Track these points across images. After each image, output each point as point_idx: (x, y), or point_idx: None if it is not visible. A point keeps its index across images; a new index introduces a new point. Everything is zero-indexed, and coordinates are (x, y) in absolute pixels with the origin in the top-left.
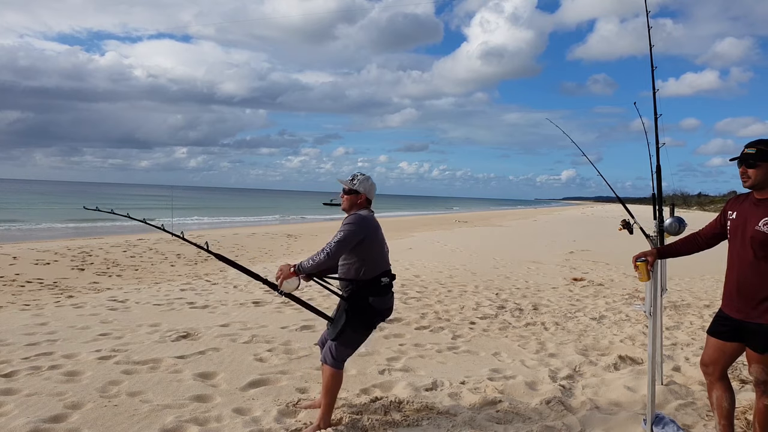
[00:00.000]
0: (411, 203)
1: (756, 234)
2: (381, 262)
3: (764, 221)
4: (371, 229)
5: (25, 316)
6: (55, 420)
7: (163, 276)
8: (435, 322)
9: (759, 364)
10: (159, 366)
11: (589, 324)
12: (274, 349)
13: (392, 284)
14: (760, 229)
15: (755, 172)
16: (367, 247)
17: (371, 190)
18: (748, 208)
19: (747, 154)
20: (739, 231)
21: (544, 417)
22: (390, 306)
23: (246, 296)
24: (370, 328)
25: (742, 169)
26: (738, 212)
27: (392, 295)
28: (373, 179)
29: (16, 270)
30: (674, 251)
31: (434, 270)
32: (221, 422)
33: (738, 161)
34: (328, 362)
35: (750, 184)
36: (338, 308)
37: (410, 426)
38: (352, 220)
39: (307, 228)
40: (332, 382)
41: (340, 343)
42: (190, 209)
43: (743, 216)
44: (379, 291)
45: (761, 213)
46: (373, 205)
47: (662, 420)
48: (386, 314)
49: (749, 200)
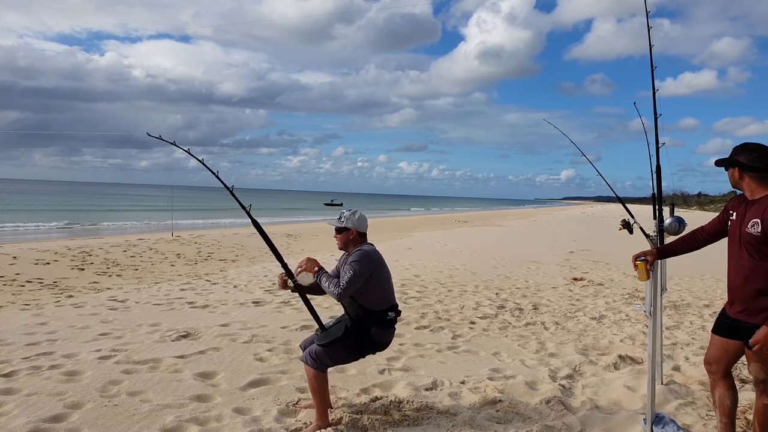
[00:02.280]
0: (411, 203)
1: (744, 235)
2: (387, 297)
3: (752, 222)
4: (377, 264)
5: (25, 315)
6: (56, 420)
7: (163, 276)
8: (435, 321)
9: (757, 362)
10: (159, 366)
11: (589, 324)
12: (274, 349)
13: (396, 320)
14: (748, 230)
15: (729, 174)
16: (375, 282)
17: (361, 223)
18: (744, 209)
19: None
20: (736, 231)
21: (544, 416)
22: (388, 342)
23: (246, 296)
24: (361, 355)
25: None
26: (737, 213)
27: (393, 331)
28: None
29: (16, 270)
30: (674, 250)
31: (434, 270)
32: (221, 422)
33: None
34: (308, 363)
35: (733, 187)
36: (339, 320)
37: (410, 426)
38: (358, 258)
39: (307, 228)
40: (316, 383)
41: (326, 352)
42: (190, 210)
43: (740, 216)
44: (383, 324)
45: (751, 214)
46: (373, 205)
47: (662, 419)
48: (381, 348)
49: (746, 201)
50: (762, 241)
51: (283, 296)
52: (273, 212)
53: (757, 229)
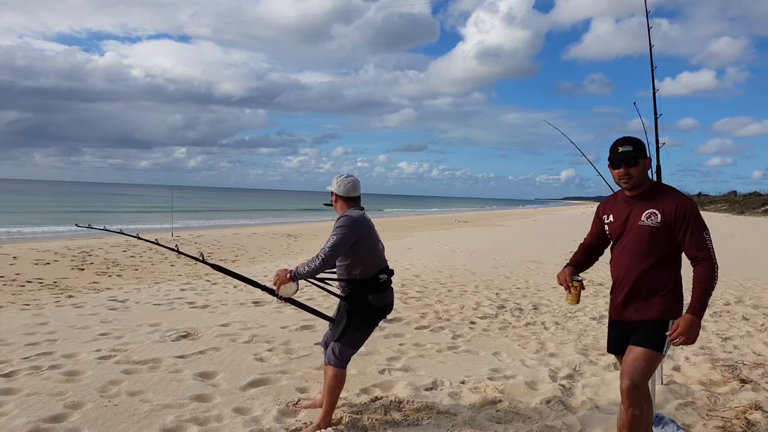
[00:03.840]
0: (410, 203)
1: (641, 229)
2: (377, 261)
3: (646, 214)
4: (363, 229)
5: (25, 315)
6: (56, 420)
7: (163, 276)
8: (435, 321)
9: (641, 361)
10: (159, 366)
11: (589, 323)
12: (274, 349)
13: (391, 280)
14: (644, 223)
15: (637, 170)
16: (362, 248)
17: (342, 187)
18: (624, 207)
19: (627, 153)
20: (624, 230)
21: (544, 417)
22: (390, 302)
23: (246, 296)
24: (373, 325)
25: (623, 169)
26: (614, 213)
27: (391, 290)
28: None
29: (16, 270)
30: (582, 264)
31: (434, 270)
32: (221, 422)
33: (615, 162)
34: (332, 363)
35: (632, 184)
36: (339, 309)
37: (410, 426)
38: (342, 223)
39: (307, 228)
40: (335, 382)
41: (344, 343)
42: (189, 211)
43: (622, 216)
44: (377, 288)
45: (639, 208)
46: (373, 205)
47: (662, 420)
48: (387, 311)
49: (621, 200)
50: (662, 233)
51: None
52: (273, 212)
53: (656, 220)
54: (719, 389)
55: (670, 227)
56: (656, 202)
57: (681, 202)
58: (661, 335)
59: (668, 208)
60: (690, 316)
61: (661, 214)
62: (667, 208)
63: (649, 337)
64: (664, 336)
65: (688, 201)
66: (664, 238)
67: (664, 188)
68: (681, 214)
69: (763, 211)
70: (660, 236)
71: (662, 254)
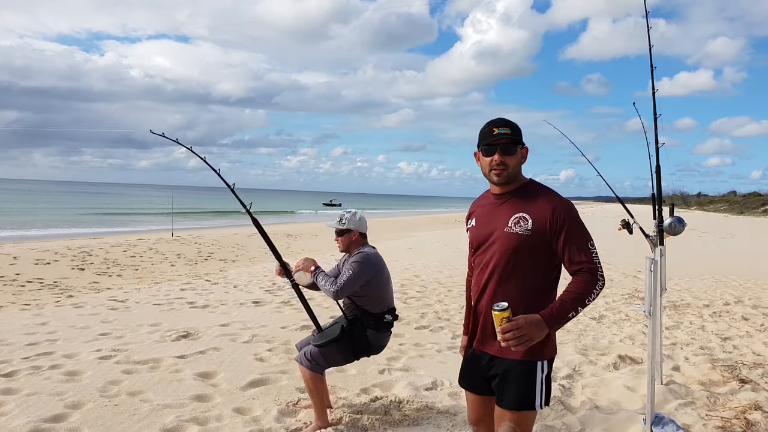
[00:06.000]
0: (410, 203)
1: (507, 237)
2: (386, 299)
3: (514, 219)
4: (377, 268)
5: (26, 315)
6: (56, 420)
7: (163, 276)
8: (435, 321)
9: (510, 425)
10: (159, 366)
11: (588, 324)
12: (274, 349)
13: (393, 323)
14: (512, 230)
15: (513, 160)
16: (373, 286)
17: (362, 224)
18: (490, 208)
19: (504, 135)
20: (486, 238)
21: (544, 416)
22: (384, 345)
23: (246, 296)
24: (355, 357)
25: (497, 157)
26: (477, 217)
27: (390, 334)
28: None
29: (17, 270)
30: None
31: (434, 270)
32: (221, 422)
33: (489, 147)
34: (303, 363)
35: (505, 177)
36: (335, 321)
37: (410, 425)
38: (358, 259)
39: (307, 228)
40: (312, 383)
41: (321, 353)
42: (189, 212)
43: (485, 220)
44: (379, 326)
45: (507, 210)
46: (373, 205)
47: (662, 420)
48: (375, 351)
49: (488, 200)
50: (533, 243)
51: (283, 296)
52: (273, 212)
53: (526, 226)
54: (719, 389)
55: (544, 236)
56: (528, 204)
57: (557, 204)
58: (529, 385)
59: (542, 213)
60: (537, 317)
61: (532, 219)
62: (540, 213)
63: (515, 391)
64: (533, 384)
65: (565, 203)
66: (536, 250)
67: (540, 188)
68: (557, 220)
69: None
70: (531, 247)
71: (532, 271)
